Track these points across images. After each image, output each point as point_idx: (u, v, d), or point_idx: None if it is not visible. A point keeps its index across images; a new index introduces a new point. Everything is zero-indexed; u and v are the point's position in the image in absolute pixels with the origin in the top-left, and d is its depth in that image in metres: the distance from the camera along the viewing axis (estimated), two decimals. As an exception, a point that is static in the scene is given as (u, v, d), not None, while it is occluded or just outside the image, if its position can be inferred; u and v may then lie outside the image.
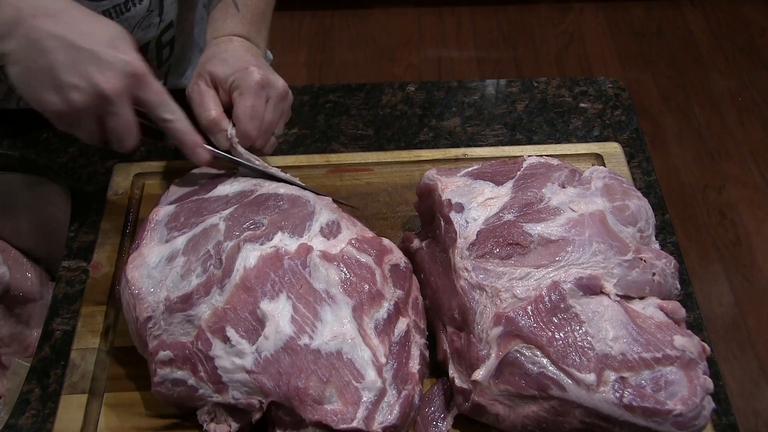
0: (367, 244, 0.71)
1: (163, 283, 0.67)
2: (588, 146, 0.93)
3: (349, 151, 0.95)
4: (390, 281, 0.70)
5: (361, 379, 0.62)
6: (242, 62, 0.78)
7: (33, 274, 1.06)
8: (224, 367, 0.63)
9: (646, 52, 2.50)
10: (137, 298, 0.67)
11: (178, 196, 0.77)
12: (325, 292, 0.66)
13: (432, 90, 1.03)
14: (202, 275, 0.67)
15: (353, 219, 0.76)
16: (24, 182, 0.99)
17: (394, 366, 0.65)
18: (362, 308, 0.66)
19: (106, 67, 0.64)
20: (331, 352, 0.63)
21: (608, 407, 0.60)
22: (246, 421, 0.66)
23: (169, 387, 0.66)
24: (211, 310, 0.65)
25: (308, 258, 0.67)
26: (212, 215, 0.72)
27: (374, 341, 0.65)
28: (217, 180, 0.78)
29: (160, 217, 0.73)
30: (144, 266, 0.68)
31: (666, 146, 2.22)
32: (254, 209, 0.72)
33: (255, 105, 0.77)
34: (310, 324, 0.64)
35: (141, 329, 0.67)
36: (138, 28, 0.88)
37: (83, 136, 0.69)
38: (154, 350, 0.66)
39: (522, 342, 0.63)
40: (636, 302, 0.67)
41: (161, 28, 0.93)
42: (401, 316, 0.69)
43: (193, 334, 0.65)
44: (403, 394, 0.64)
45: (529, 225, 0.69)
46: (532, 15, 2.61)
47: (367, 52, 2.49)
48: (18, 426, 0.71)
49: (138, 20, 0.86)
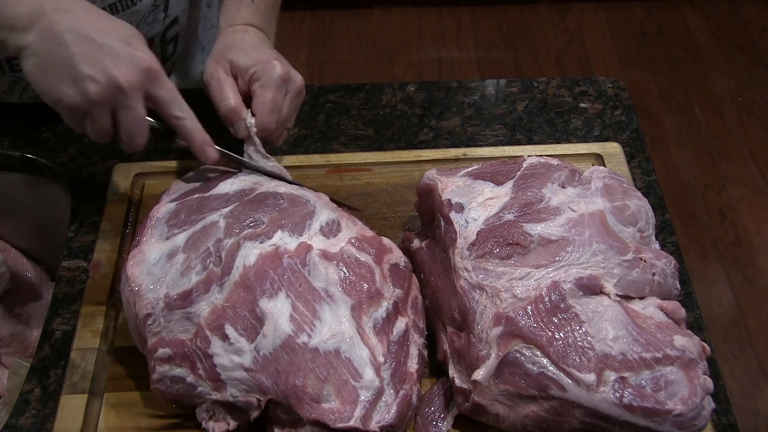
0: (367, 243, 0.71)
1: (162, 280, 0.67)
2: (588, 146, 0.93)
3: (349, 151, 0.95)
4: (389, 280, 0.70)
5: (359, 378, 0.62)
6: (264, 55, 0.80)
7: (33, 274, 1.06)
8: (223, 365, 0.63)
9: (646, 52, 2.50)
10: (137, 294, 0.67)
11: (179, 193, 0.77)
12: (324, 290, 0.66)
13: (432, 90, 1.03)
14: (202, 272, 0.67)
15: (353, 218, 0.76)
16: (24, 182, 0.99)
17: (392, 365, 0.65)
18: (361, 307, 0.66)
19: (123, 61, 0.66)
20: (330, 350, 0.63)
21: (608, 407, 0.60)
22: (244, 419, 0.66)
23: (167, 384, 0.66)
24: (211, 307, 0.65)
25: (308, 257, 0.67)
26: (212, 213, 0.72)
27: (372, 340, 0.65)
28: (219, 178, 0.78)
29: (161, 215, 0.73)
30: (144, 263, 0.68)
31: (666, 146, 2.22)
32: (254, 207, 0.72)
33: (276, 98, 0.78)
34: (309, 322, 0.64)
35: (140, 326, 0.67)
36: (143, 23, 0.88)
37: (94, 132, 0.70)
38: (153, 347, 0.66)
39: (522, 342, 0.63)
40: (636, 302, 0.67)
41: (166, 24, 0.93)
42: (400, 316, 0.69)
43: (192, 331, 0.65)
44: (400, 394, 0.64)
45: (529, 225, 0.69)
46: (532, 15, 2.61)
47: (367, 52, 2.49)
48: (18, 426, 0.71)
49: (143, 15, 0.87)
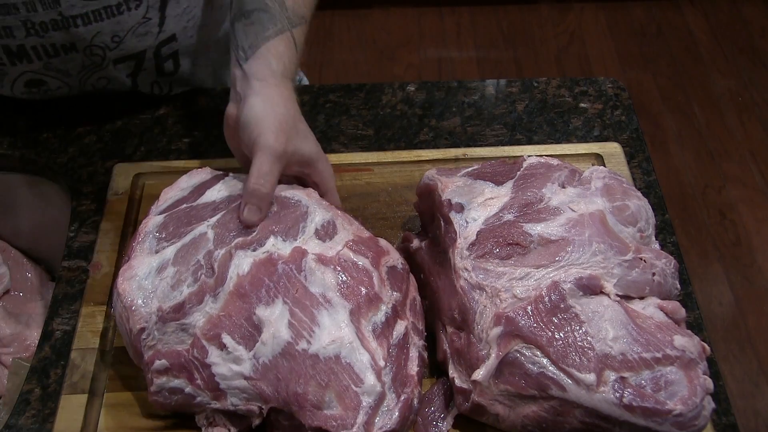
0: (364, 246, 0.70)
1: (154, 294, 0.66)
2: (588, 146, 0.93)
3: (349, 151, 0.95)
4: (387, 283, 0.69)
5: (360, 383, 0.62)
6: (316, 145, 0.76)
7: (33, 274, 1.06)
8: (222, 374, 0.63)
9: (646, 52, 2.50)
10: (129, 310, 0.66)
11: (167, 204, 0.75)
12: (321, 296, 0.65)
13: (432, 90, 1.03)
14: (193, 285, 0.66)
15: (348, 216, 0.75)
16: (24, 182, 0.99)
17: (393, 369, 0.65)
18: (360, 312, 0.65)
19: None
20: (330, 356, 0.63)
21: (608, 407, 0.60)
22: (245, 425, 0.65)
23: (166, 396, 0.65)
24: (206, 317, 0.65)
25: (303, 262, 0.66)
26: (200, 224, 0.71)
27: (372, 344, 0.65)
28: (206, 185, 0.76)
29: (149, 228, 0.72)
30: (134, 278, 0.68)
31: (666, 146, 2.22)
32: None
33: (335, 200, 0.78)
34: (308, 328, 0.64)
35: (135, 341, 0.66)
36: (132, 34, 0.87)
37: None
38: (149, 360, 0.65)
39: (522, 342, 0.63)
40: (636, 302, 0.67)
41: (161, 39, 0.92)
42: (399, 319, 0.68)
43: (188, 342, 0.65)
44: (402, 398, 0.64)
45: (529, 225, 0.69)
46: (532, 15, 2.61)
47: (367, 52, 2.48)
48: (18, 426, 0.71)
49: (132, 26, 0.86)
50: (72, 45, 0.86)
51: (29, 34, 0.82)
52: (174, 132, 0.97)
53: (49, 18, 0.81)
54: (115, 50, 0.89)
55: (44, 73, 0.90)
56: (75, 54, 0.87)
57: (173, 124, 0.98)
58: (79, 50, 0.87)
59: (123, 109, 1.00)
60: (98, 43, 0.86)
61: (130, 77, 0.96)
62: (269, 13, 0.76)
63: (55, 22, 0.81)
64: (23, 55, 0.86)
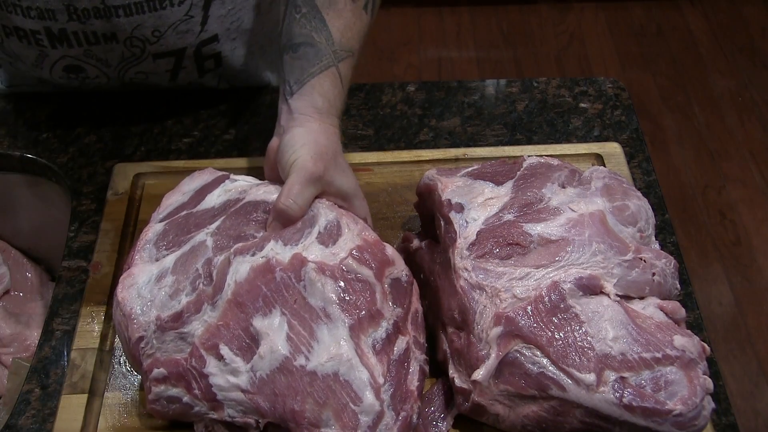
0: (369, 255, 0.67)
1: (152, 303, 0.66)
2: (588, 146, 0.93)
3: (349, 151, 0.95)
4: (390, 298, 0.67)
5: (358, 402, 0.61)
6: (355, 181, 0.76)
7: (33, 274, 1.06)
8: (219, 385, 0.62)
9: (646, 52, 2.50)
10: (128, 318, 0.66)
11: (168, 211, 0.75)
12: (321, 309, 0.64)
13: (432, 90, 1.03)
14: (192, 294, 0.66)
15: (353, 216, 0.73)
16: (24, 182, 0.99)
17: (393, 385, 0.63)
18: (360, 328, 0.64)
19: None
20: (328, 373, 0.61)
21: (608, 407, 0.60)
22: None
23: (164, 404, 0.65)
24: (204, 326, 0.64)
25: (303, 271, 0.65)
26: (199, 231, 0.70)
27: (372, 360, 0.63)
28: (205, 189, 0.75)
29: (150, 236, 0.72)
30: (134, 286, 0.67)
31: (666, 146, 2.22)
32: (242, 221, 0.70)
33: None
34: (306, 343, 0.62)
35: (134, 349, 0.66)
36: (173, 30, 0.87)
37: None
38: (148, 368, 0.65)
39: (522, 342, 0.63)
40: (636, 302, 0.67)
41: (202, 38, 0.91)
42: (400, 335, 0.67)
43: (187, 351, 0.64)
44: (401, 416, 0.62)
45: (529, 225, 0.69)
46: (532, 15, 2.61)
47: (367, 52, 2.48)
48: (18, 426, 0.71)
49: (174, 22, 0.86)
50: (113, 35, 0.86)
51: (71, 18, 0.83)
52: (174, 132, 0.97)
53: (91, 5, 0.81)
54: (155, 44, 0.89)
55: (84, 60, 0.90)
56: (115, 44, 0.88)
57: (173, 124, 0.98)
58: (120, 41, 0.87)
59: (123, 109, 1.00)
60: (138, 36, 0.86)
61: (169, 73, 0.96)
62: (315, 48, 0.75)
63: (97, 9, 0.82)
64: (64, 38, 0.86)
